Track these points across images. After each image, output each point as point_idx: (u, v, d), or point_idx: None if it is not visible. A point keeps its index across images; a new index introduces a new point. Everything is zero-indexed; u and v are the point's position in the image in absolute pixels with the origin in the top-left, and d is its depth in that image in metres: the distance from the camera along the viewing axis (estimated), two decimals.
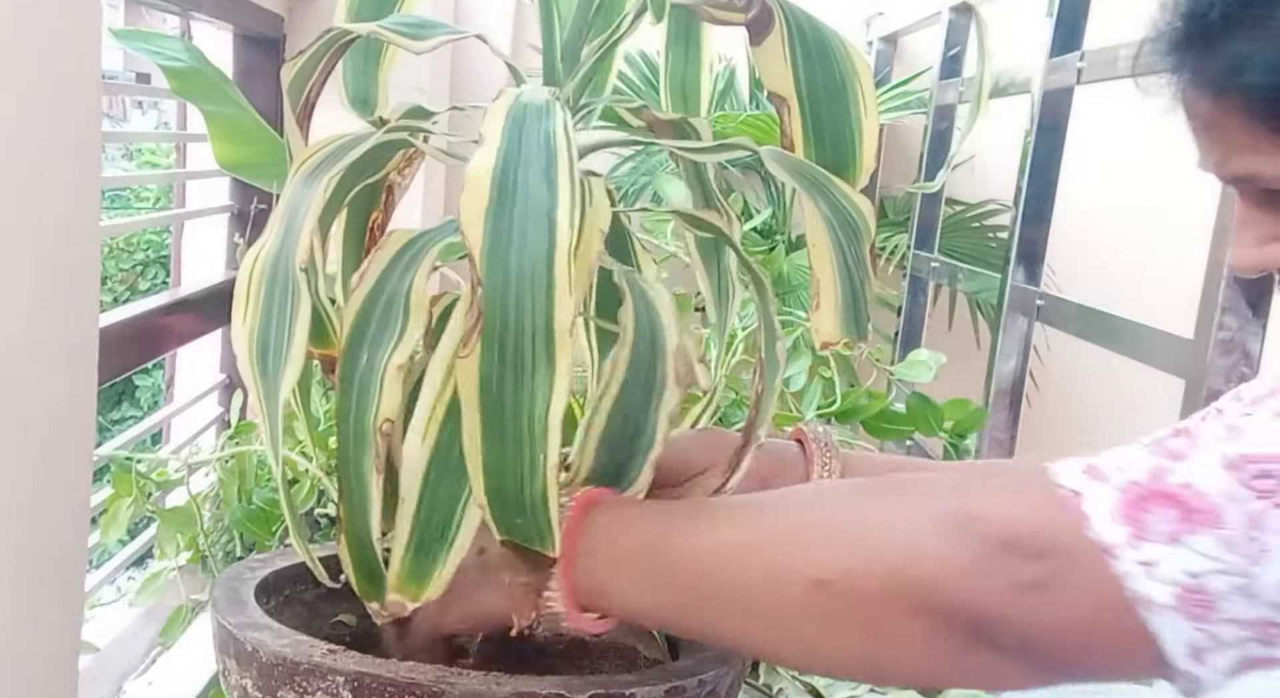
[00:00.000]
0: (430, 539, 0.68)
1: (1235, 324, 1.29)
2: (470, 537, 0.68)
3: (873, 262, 0.73)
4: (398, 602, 0.68)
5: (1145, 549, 0.55)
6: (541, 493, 0.63)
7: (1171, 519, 0.55)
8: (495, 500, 0.64)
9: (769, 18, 0.71)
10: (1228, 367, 1.28)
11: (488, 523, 0.66)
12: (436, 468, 0.67)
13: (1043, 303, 1.73)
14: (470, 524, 0.67)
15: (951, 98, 2.33)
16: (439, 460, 0.67)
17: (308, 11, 1.79)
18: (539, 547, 0.66)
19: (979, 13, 0.78)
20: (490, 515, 0.65)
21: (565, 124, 0.64)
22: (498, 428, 0.62)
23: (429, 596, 0.68)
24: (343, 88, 0.80)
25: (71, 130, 0.79)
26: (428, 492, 0.67)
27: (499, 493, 0.64)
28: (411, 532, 0.67)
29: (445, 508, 0.67)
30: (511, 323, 0.60)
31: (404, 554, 0.68)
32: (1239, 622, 0.54)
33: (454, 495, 0.67)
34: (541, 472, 0.62)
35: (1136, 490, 0.56)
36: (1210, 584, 0.54)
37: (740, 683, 0.80)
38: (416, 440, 0.67)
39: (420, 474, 0.67)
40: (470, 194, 0.60)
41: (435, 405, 0.67)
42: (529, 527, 0.65)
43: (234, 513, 1.28)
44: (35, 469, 0.77)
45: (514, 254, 0.60)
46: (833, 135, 0.73)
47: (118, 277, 5.27)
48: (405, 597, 0.68)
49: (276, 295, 0.66)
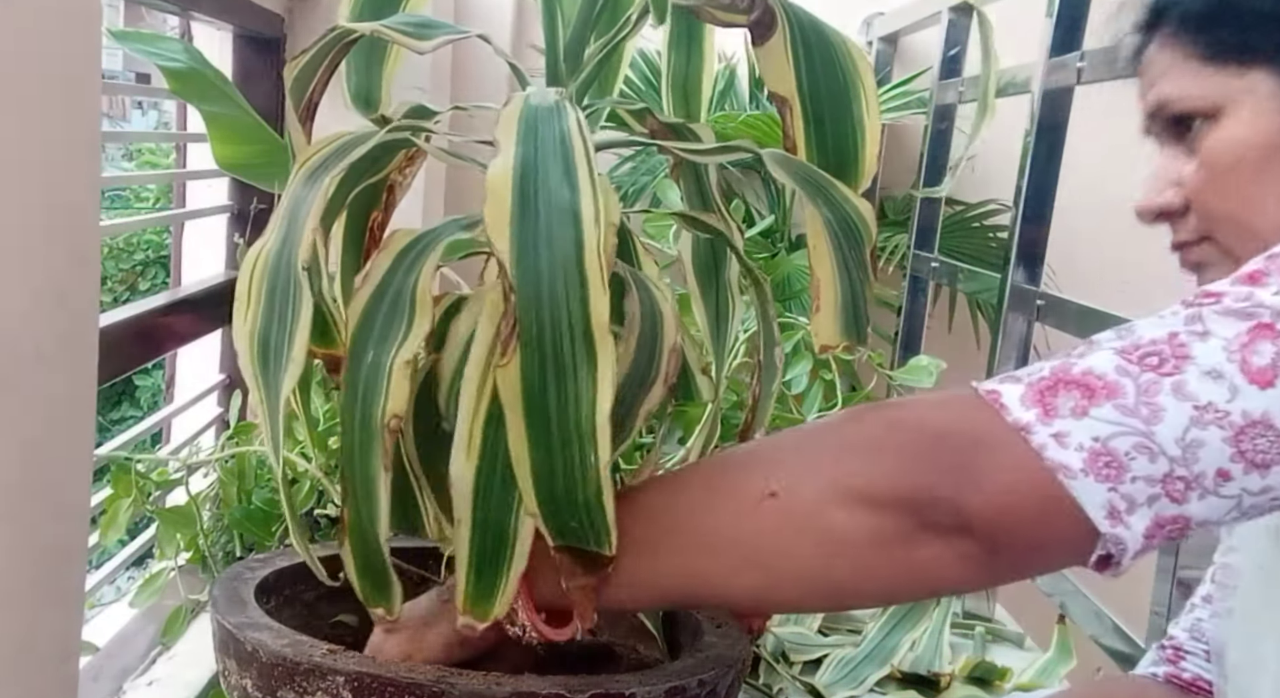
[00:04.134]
0: (489, 555, 0.67)
1: None
2: (528, 545, 0.67)
3: (873, 264, 0.73)
4: (469, 625, 0.68)
5: (1055, 425, 0.61)
6: (595, 493, 0.63)
7: (1075, 398, 0.62)
8: (548, 507, 0.63)
9: (772, 19, 0.71)
10: None
11: (542, 530, 0.65)
12: (483, 482, 0.67)
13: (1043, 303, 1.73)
14: (526, 534, 0.67)
15: (952, 98, 2.33)
16: (485, 475, 0.67)
17: (308, 11, 1.79)
18: (596, 547, 0.65)
19: (984, 14, 0.77)
20: (543, 523, 0.64)
21: (579, 122, 0.64)
22: (544, 433, 0.61)
23: (497, 614, 0.68)
24: (345, 87, 0.80)
25: (71, 130, 0.79)
26: (480, 508, 0.67)
27: (551, 499, 0.63)
28: (470, 552, 0.67)
29: (499, 522, 0.67)
30: (548, 326, 0.60)
31: (468, 576, 0.67)
32: (1146, 479, 0.60)
33: (505, 507, 0.67)
34: (595, 471, 0.62)
35: (1044, 382, 0.63)
36: (1115, 445, 0.60)
37: (740, 683, 0.80)
38: (461, 458, 0.66)
39: (470, 492, 0.66)
40: (493, 202, 0.60)
41: (474, 418, 0.66)
42: (584, 529, 0.64)
43: (234, 513, 1.28)
44: (35, 469, 0.77)
45: (544, 256, 0.60)
46: (835, 137, 0.73)
47: (118, 277, 5.26)
48: (476, 618, 0.68)
49: (278, 295, 0.66)
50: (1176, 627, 0.98)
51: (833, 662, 1.43)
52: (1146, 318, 0.65)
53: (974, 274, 2.22)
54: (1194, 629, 0.96)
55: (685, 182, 0.84)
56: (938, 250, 2.38)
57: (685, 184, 0.84)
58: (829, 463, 0.66)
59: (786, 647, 1.45)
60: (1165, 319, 0.64)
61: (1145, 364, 0.62)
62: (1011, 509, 0.62)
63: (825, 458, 0.67)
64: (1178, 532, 0.62)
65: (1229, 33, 0.77)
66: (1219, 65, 0.77)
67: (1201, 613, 0.96)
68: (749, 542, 0.66)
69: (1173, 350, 0.62)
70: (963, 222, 2.87)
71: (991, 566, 0.64)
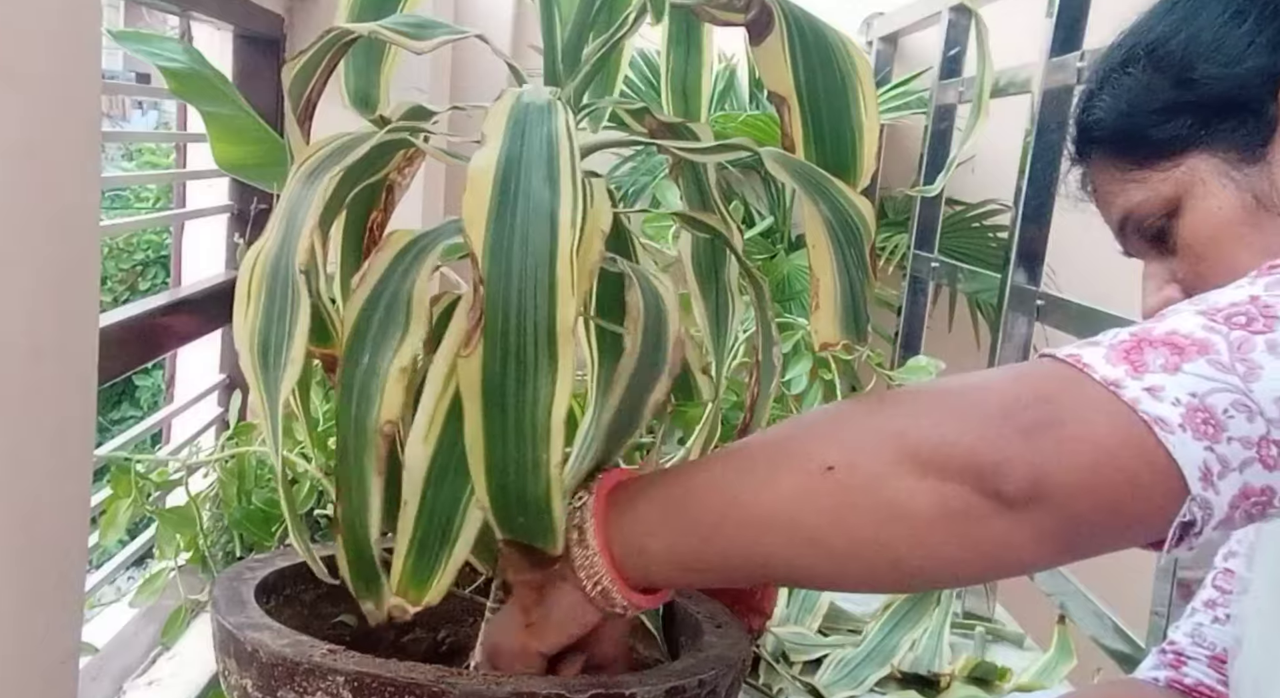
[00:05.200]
0: (432, 542, 0.67)
1: None
2: (471, 539, 0.67)
3: (873, 263, 0.73)
4: (399, 606, 0.68)
5: (1147, 379, 0.58)
6: (545, 492, 0.63)
7: (1164, 355, 0.59)
8: (498, 500, 0.64)
9: (769, 18, 0.71)
10: None
11: (490, 522, 0.65)
12: (438, 469, 0.67)
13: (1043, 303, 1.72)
14: (471, 526, 0.67)
15: (951, 98, 2.33)
16: (440, 462, 0.67)
17: (308, 11, 1.79)
18: (542, 545, 0.66)
19: (979, 16, 0.78)
20: (492, 516, 0.65)
21: (568, 124, 0.64)
22: (500, 427, 0.62)
23: (429, 600, 0.67)
24: (344, 87, 0.80)
25: (71, 130, 0.79)
26: (429, 494, 0.67)
27: (502, 493, 0.64)
28: (413, 535, 0.67)
29: (446, 510, 0.67)
30: (514, 322, 0.60)
31: (405, 557, 0.67)
32: (1242, 440, 0.57)
33: (455, 497, 0.67)
34: (545, 471, 0.62)
35: (1126, 344, 0.60)
36: (1214, 402, 0.57)
37: (740, 683, 0.80)
38: (418, 442, 0.67)
39: (422, 476, 0.67)
40: (472, 194, 0.60)
41: (437, 407, 0.67)
42: (532, 526, 0.65)
43: (233, 513, 1.28)
44: (35, 469, 0.77)
45: (516, 254, 0.60)
46: (833, 135, 0.73)
47: (118, 277, 5.27)
48: (407, 601, 0.68)
49: (277, 295, 0.66)
50: (1177, 631, 0.98)
51: (833, 662, 1.43)
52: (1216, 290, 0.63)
53: (974, 274, 2.22)
54: (1196, 634, 0.96)
55: (684, 181, 0.84)
56: (938, 250, 2.37)
57: (685, 184, 0.84)
58: (892, 431, 0.61)
59: (786, 647, 1.45)
60: (1240, 286, 0.62)
61: (1233, 323, 0.59)
62: (1097, 469, 0.57)
63: (889, 426, 0.62)
64: (1258, 509, 0.59)
65: (1145, 141, 0.81)
66: (1153, 166, 0.81)
67: (1202, 618, 0.96)
68: (809, 520, 0.62)
69: (1259, 310, 0.60)
70: (963, 222, 2.87)
71: (1066, 539, 0.59)
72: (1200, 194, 0.80)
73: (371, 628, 0.75)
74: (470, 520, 0.67)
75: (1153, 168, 0.81)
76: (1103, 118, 0.84)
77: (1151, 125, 0.81)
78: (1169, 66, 0.81)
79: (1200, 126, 0.80)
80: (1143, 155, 0.82)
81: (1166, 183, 0.81)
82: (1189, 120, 0.80)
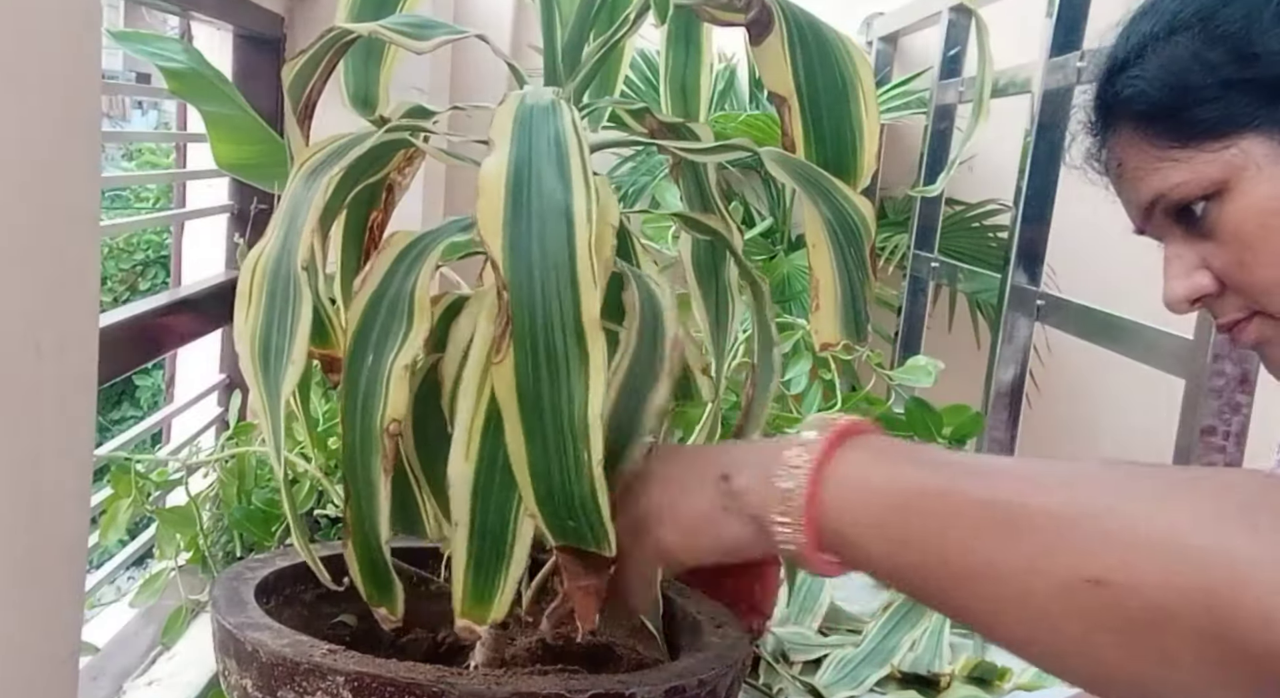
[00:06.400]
0: (488, 559, 0.67)
1: None
2: (526, 550, 0.66)
3: (873, 263, 0.73)
4: (467, 627, 0.67)
5: None
6: (589, 492, 0.62)
7: None
8: (546, 505, 0.63)
9: (769, 18, 0.71)
10: (1228, 367, 1.28)
11: (542, 531, 0.64)
12: (483, 485, 0.66)
13: (1043, 303, 1.73)
14: (525, 536, 0.66)
15: (951, 98, 2.33)
16: (484, 475, 0.66)
17: (308, 11, 1.79)
18: (594, 547, 0.64)
19: (979, 16, 0.77)
20: (543, 522, 0.64)
21: (574, 121, 0.64)
22: (539, 431, 0.61)
23: (495, 617, 0.67)
24: (343, 87, 0.80)
25: (71, 130, 0.79)
26: (479, 510, 0.66)
27: (549, 498, 0.63)
28: (469, 555, 0.67)
29: (498, 524, 0.66)
30: (540, 322, 0.60)
31: (465, 578, 0.67)
32: None
33: (504, 510, 0.66)
34: (587, 470, 0.62)
35: None
36: None
37: (740, 683, 0.79)
38: (459, 460, 0.66)
39: (468, 494, 0.66)
40: (486, 199, 0.60)
41: (473, 420, 0.66)
42: (582, 528, 0.64)
43: (234, 513, 1.28)
44: (35, 469, 0.77)
45: (535, 254, 0.60)
46: (833, 135, 0.73)
47: (118, 277, 5.27)
48: (473, 620, 0.67)
49: (278, 295, 0.66)
50: None
51: (833, 662, 1.43)
52: None
53: (974, 274, 2.22)
54: None
55: (684, 182, 0.84)
56: (938, 250, 2.38)
57: (684, 184, 0.84)
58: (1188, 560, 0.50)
59: (786, 647, 1.45)
60: None
61: None
62: None
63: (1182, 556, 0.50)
64: None
65: (1193, 119, 0.75)
66: (1199, 146, 0.75)
67: None
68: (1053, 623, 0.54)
69: None
70: (963, 221, 2.87)
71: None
72: (1252, 179, 0.74)
73: (371, 628, 0.75)
74: (522, 533, 0.66)
75: (1198, 147, 0.75)
76: (1145, 90, 0.77)
77: (1201, 102, 0.74)
78: (1225, 38, 0.74)
79: (1259, 107, 0.74)
80: (1188, 134, 0.75)
81: (1213, 165, 0.75)
82: (1245, 99, 0.74)
